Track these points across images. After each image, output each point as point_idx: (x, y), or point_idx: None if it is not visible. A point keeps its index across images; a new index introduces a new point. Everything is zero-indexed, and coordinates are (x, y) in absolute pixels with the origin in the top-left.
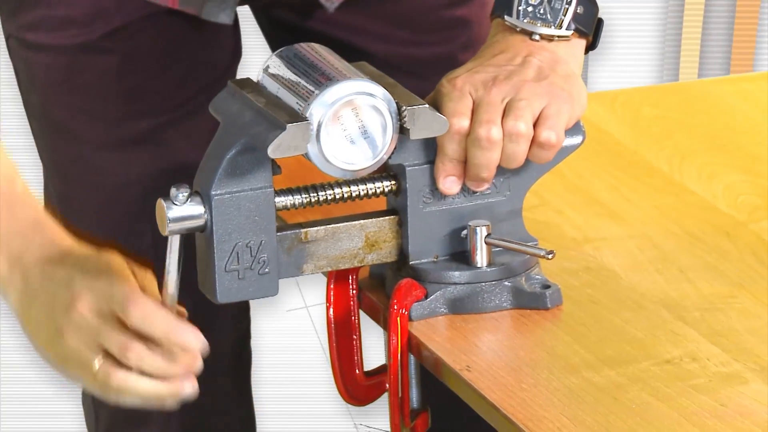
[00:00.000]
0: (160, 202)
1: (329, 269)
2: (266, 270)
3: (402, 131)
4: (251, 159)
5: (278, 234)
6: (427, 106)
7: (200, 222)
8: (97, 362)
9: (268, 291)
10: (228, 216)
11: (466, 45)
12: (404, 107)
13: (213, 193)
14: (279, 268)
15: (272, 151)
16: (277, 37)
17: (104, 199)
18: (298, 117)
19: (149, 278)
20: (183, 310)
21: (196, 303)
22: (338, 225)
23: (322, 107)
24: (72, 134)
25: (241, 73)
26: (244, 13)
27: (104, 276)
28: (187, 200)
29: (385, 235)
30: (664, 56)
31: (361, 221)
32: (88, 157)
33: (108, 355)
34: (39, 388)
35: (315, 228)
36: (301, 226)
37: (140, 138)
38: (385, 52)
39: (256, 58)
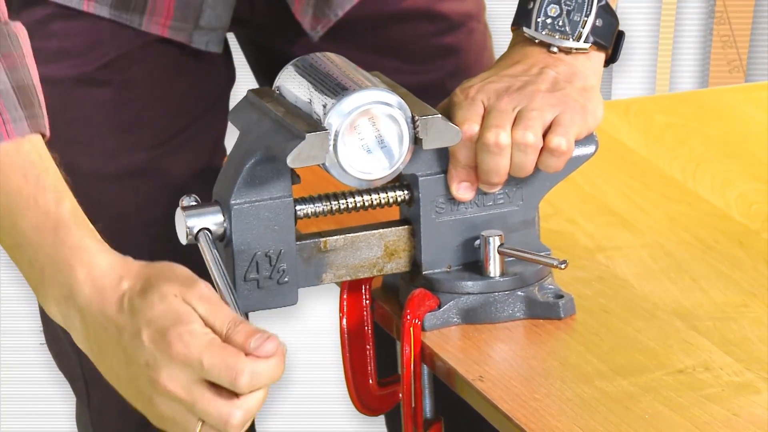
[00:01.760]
0: (179, 212)
1: (348, 278)
2: (285, 279)
3: (415, 141)
4: (270, 168)
5: (297, 243)
6: (439, 116)
7: (219, 231)
8: (198, 429)
9: (287, 300)
10: (247, 225)
11: (454, 73)
12: (417, 117)
13: (232, 202)
14: (298, 277)
15: (291, 161)
16: (264, 65)
17: (102, 230)
18: (317, 126)
19: (207, 286)
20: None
21: None
22: (357, 234)
23: (339, 117)
24: (68, 167)
25: (234, 98)
26: (233, 39)
27: (169, 331)
28: (199, 203)
29: (405, 244)
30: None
31: (381, 230)
32: (85, 189)
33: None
34: (39, 388)
35: (334, 237)
36: (320, 235)
37: (137, 169)
38: None
39: (250, 82)
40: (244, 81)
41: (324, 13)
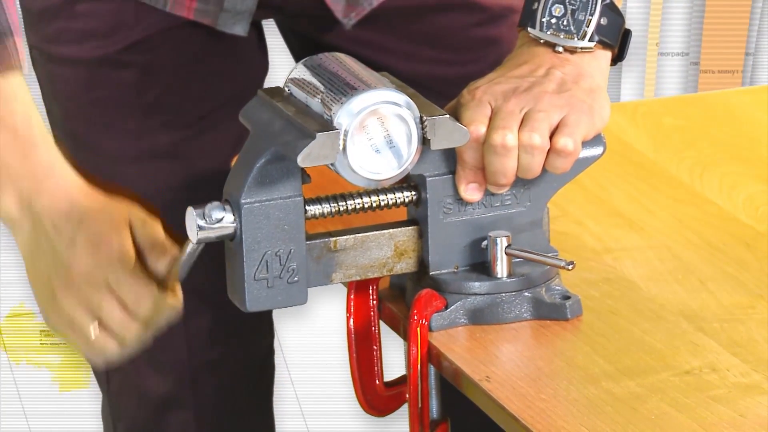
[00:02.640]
0: (190, 210)
1: (358, 278)
2: (295, 279)
3: (423, 142)
4: (281, 168)
5: (307, 243)
6: (447, 116)
7: (230, 230)
8: (94, 331)
9: (297, 299)
10: (257, 224)
11: (495, 64)
12: (425, 117)
13: (243, 201)
14: (308, 276)
15: (302, 160)
16: (302, 54)
17: None
18: (327, 126)
19: (158, 229)
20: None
21: (217, 320)
22: (367, 234)
23: (348, 116)
24: (91, 147)
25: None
26: (273, 28)
27: (104, 241)
28: (217, 222)
29: (414, 244)
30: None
31: (391, 230)
32: (107, 170)
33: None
34: (40, 388)
35: (344, 237)
36: (330, 235)
37: (159, 152)
38: (412, 71)
39: (286, 73)
40: (285, 69)
41: (357, 1)
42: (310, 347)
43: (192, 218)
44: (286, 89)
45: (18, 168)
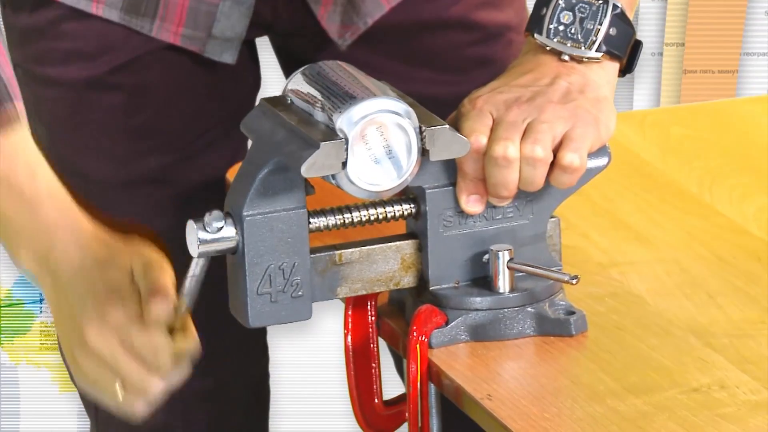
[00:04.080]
0: (191, 224)
1: (364, 292)
2: (299, 293)
3: (422, 153)
4: (284, 179)
5: (312, 256)
6: (447, 126)
7: (231, 244)
8: (120, 391)
9: (301, 315)
10: (260, 237)
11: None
12: (424, 128)
13: (245, 213)
14: (312, 291)
15: (306, 171)
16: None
17: None
18: (331, 135)
19: (161, 273)
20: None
21: (209, 347)
22: (373, 247)
23: (348, 125)
24: (78, 172)
25: None
26: (265, 44)
27: (111, 301)
28: (218, 231)
29: (421, 258)
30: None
31: (397, 243)
32: (95, 195)
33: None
34: (40, 388)
35: (350, 250)
36: (335, 248)
37: (148, 176)
38: (405, 91)
39: (278, 89)
40: (277, 85)
41: (352, 21)
42: (308, 364)
43: (193, 231)
44: (288, 98)
45: (28, 226)
